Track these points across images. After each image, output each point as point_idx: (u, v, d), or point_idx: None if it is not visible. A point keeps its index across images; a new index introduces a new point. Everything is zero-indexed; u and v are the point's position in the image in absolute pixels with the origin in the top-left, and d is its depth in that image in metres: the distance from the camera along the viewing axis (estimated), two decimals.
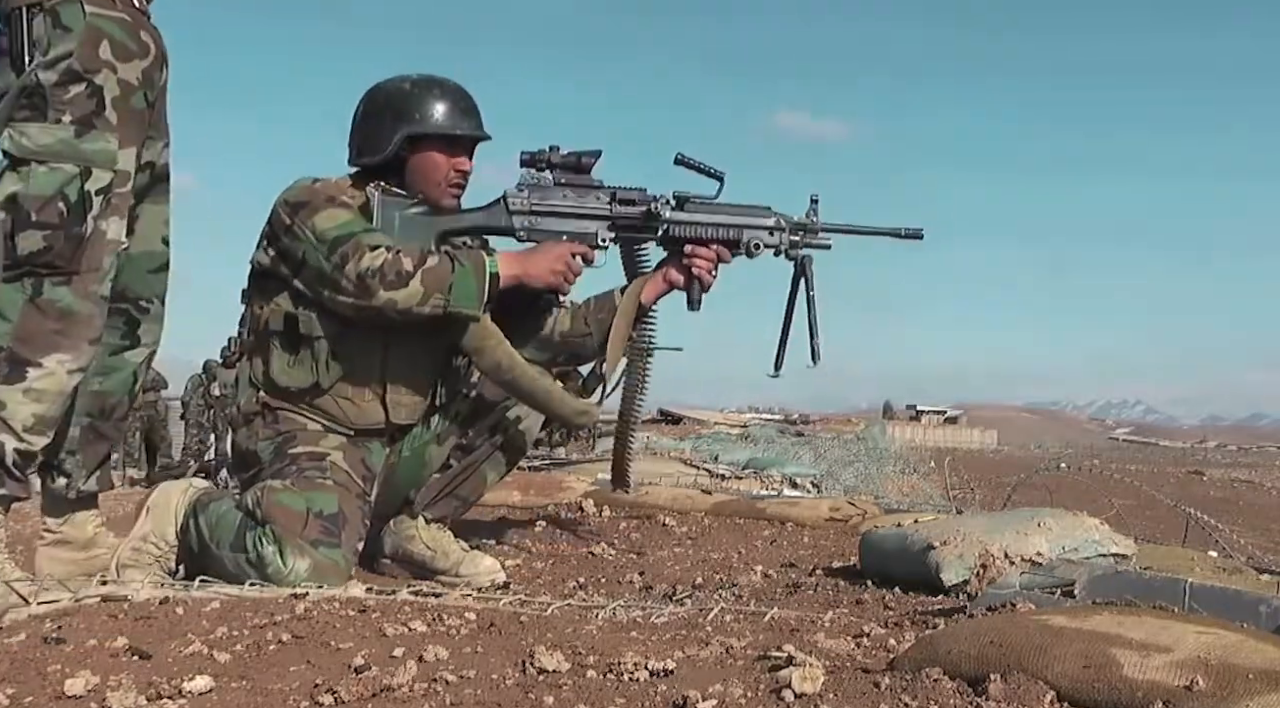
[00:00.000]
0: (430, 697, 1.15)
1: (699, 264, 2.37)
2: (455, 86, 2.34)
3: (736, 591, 2.12)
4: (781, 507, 3.63)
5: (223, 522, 2.07)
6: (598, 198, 2.34)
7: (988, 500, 6.55)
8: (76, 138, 1.81)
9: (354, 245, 2.12)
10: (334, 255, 2.12)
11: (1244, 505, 9.40)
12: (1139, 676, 1.03)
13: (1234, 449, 46.83)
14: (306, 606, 1.57)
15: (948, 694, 1.10)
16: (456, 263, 2.15)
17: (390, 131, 2.26)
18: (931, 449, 17.36)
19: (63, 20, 1.85)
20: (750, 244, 2.37)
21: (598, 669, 1.22)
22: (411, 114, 2.26)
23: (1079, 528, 2.14)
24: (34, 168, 1.78)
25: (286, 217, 2.19)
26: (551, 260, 2.26)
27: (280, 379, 2.24)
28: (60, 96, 1.82)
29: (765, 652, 1.30)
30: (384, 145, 2.26)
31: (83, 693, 1.17)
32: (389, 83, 2.33)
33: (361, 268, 2.09)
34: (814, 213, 2.41)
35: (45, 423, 1.79)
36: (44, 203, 1.78)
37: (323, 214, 2.16)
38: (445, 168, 2.29)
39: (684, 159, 2.34)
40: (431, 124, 2.27)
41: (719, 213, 2.38)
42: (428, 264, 2.12)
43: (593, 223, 2.34)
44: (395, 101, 2.29)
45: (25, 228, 1.77)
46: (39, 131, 1.80)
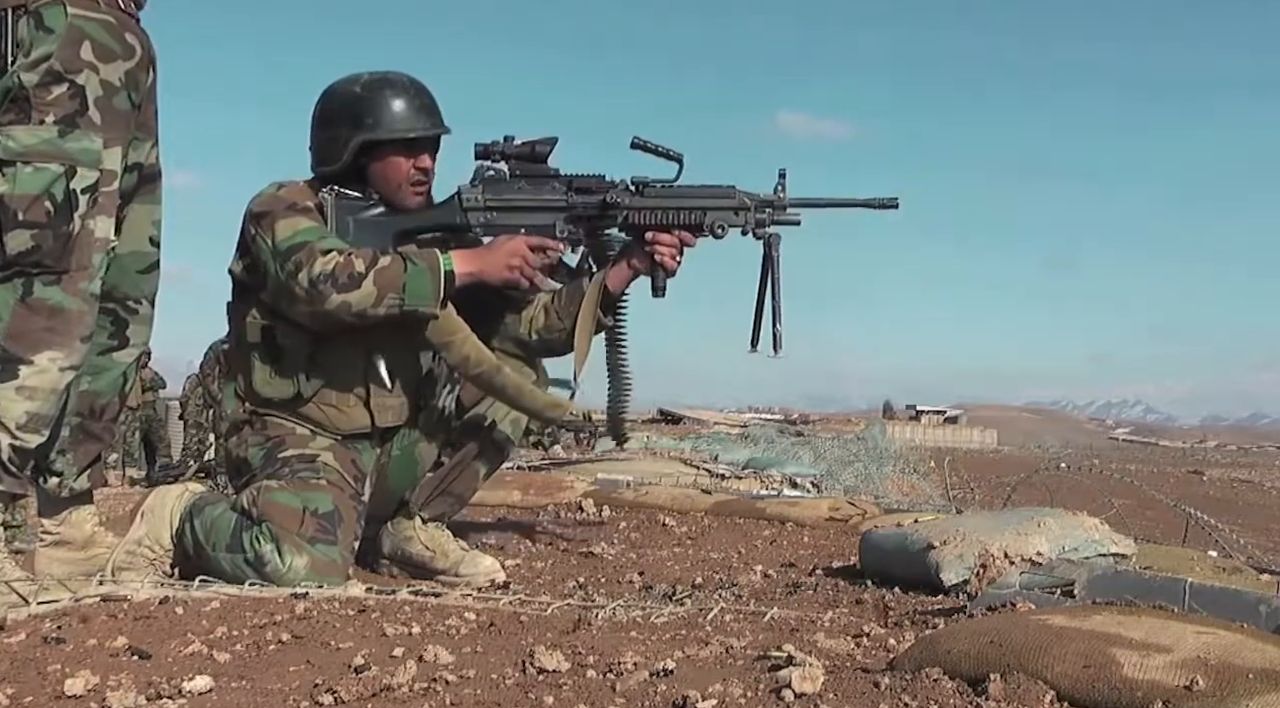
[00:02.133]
0: (430, 697, 1.15)
1: (661, 250, 2.30)
2: (409, 83, 2.29)
3: (736, 591, 2.12)
4: (781, 507, 3.63)
5: (218, 524, 2.07)
6: (554, 188, 2.29)
7: (988, 500, 6.55)
8: (60, 137, 1.81)
9: (307, 252, 2.09)
10: (288, 264, 2.09)
11: (1244, 505, 9.41)
12: (1139, 676, 1.03)
13: (1234, 449, 46.83)
14: (306, 606, 1.57)
15: (948, 694, 1.10)
16: (409, 262, 2.11)
17: (346, 139, 2.21)
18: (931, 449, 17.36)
19: (45, 22, 1.85)
20: (714, 226, 2.30)
21: (598, 669, 1.22)
22: (364, 119, 2.22)
23: (1079, 528, 2.14)
24: (19, 168, 1.78)
25: (251, 227, 2.17)
26: (506, 255, 2.21)
27: (263, 391, 2.22)
28: (43, 97, 1.82)
29: (765, 652, 1.30)
30: (340, 153, 2.22)
31: (83, 693, 1.17)
32: (340, 86, 2.28)
33: (314, 274, 2.06)
34: (781, 188, 2.34)
35: (39, 421, 1.79)
36: (30, 202, 1.78)
37: (281, 223, 2.14)
38: (406, 169, 2.25)
39: (641, 143, 2.29)
40: (386, 128, 2.22)
41: (680, 196, 2.32)
42: (379, 264, 2.09)
43: (550, 215, 2.29)
44: (348, 107, 2.24)
45: (13, 227, 1.78)
46: (23, 133, 1.80)
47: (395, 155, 2.24)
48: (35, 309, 1.77)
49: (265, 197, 2.20)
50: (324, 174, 2.26)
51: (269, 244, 2.13)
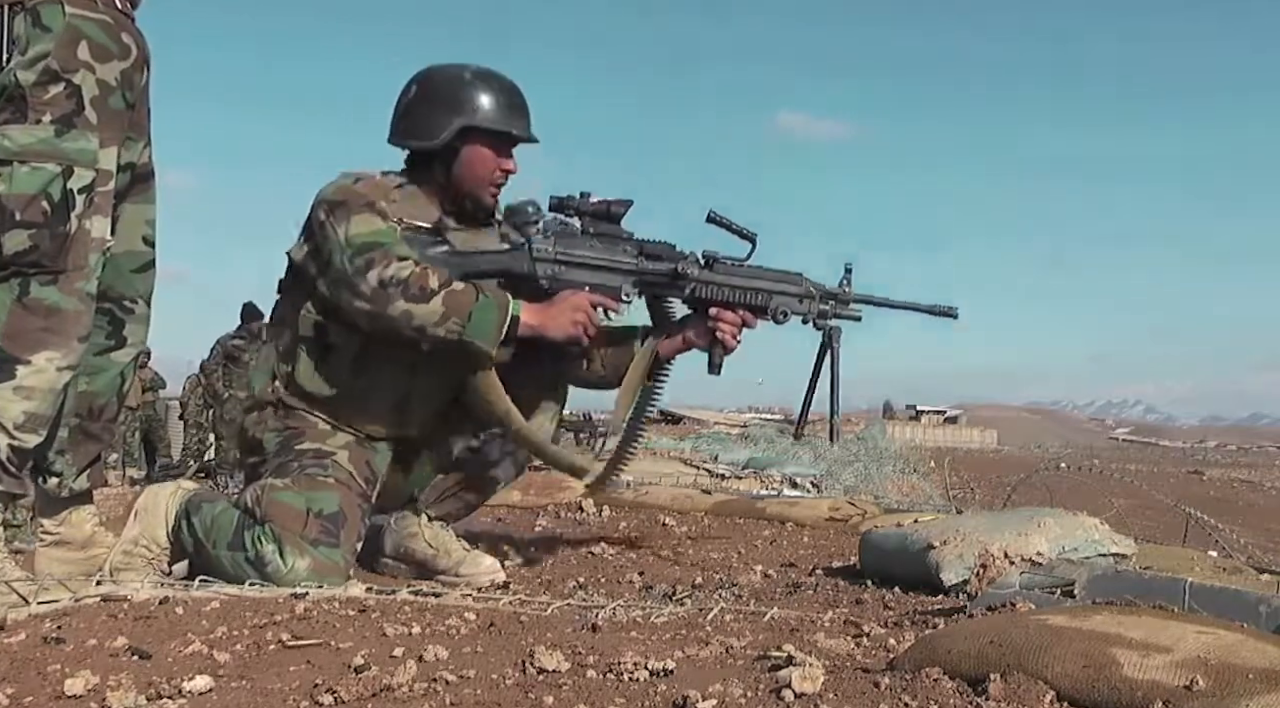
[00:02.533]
0: (430, 697, 1.15)
1: (724, 328, 2.30)
2: (511, 84, 2.30)
3: (736, 591, 2.12)
4: (781, 507, 3.63)
5: (219, 521, 2.06)
6: (625, 251, 2.28)
7: (988, 500, 6.55)
8: (57, 137, 1.82)
9: (381, 254, 2.08)
10: (359, 259, 2.07)
11: (1244, 505, 9.40)
12: (1139, 675, 1.03)
13: (1234, 449, 46.84)
14: (306, 606, 1.57)
15: (948, 694, 1.10)
16: (481, 294, 2.10)
17: (444, 119, 2.21)
18: (931, 449, 17.36)
19: (43, 20, 1.86)
20: (778, 311, 2.31)
21: (598, 669, 1.22)
22: (467, 105, 2.22)
23: (1079, 528, 2.14)
24: (16, 168, 1.79)
25: (322, 213, 2.14)
26: (570, 311, 2.19)
27: (305, 384, 2.20)
28: (40, 97, 1.83)
29: (765, 652, 1.30)
30: (437, 132, 2.22)
31: (83, 693, 1.17)
32: (446, 69, 2.28)
33: (385, 275, 2.05)
34: (847, 282, 2.35)
35: (37, 421, 1.80)
36: (28, 202, 1.79)
37: (357, 218, 2.12)
38: (492, 165, 2.26)
39: (716, 218, 2.29)
40: (487, 118, 2.23)
41: (748, 276, 2.31)
42: (452, 286, 2.08)
43: (618, 276, 2.27)
44: (452, 90, 2.24)
45: (10, 227, 1.78)
46: (20, 133, 1.80)
47: (486, 149, 2.24)
48: (32, 309, 1.78)
49: (340, 187, 2.18)
50: (413, 148, 2.27)
51: (340, 236, 2.10)
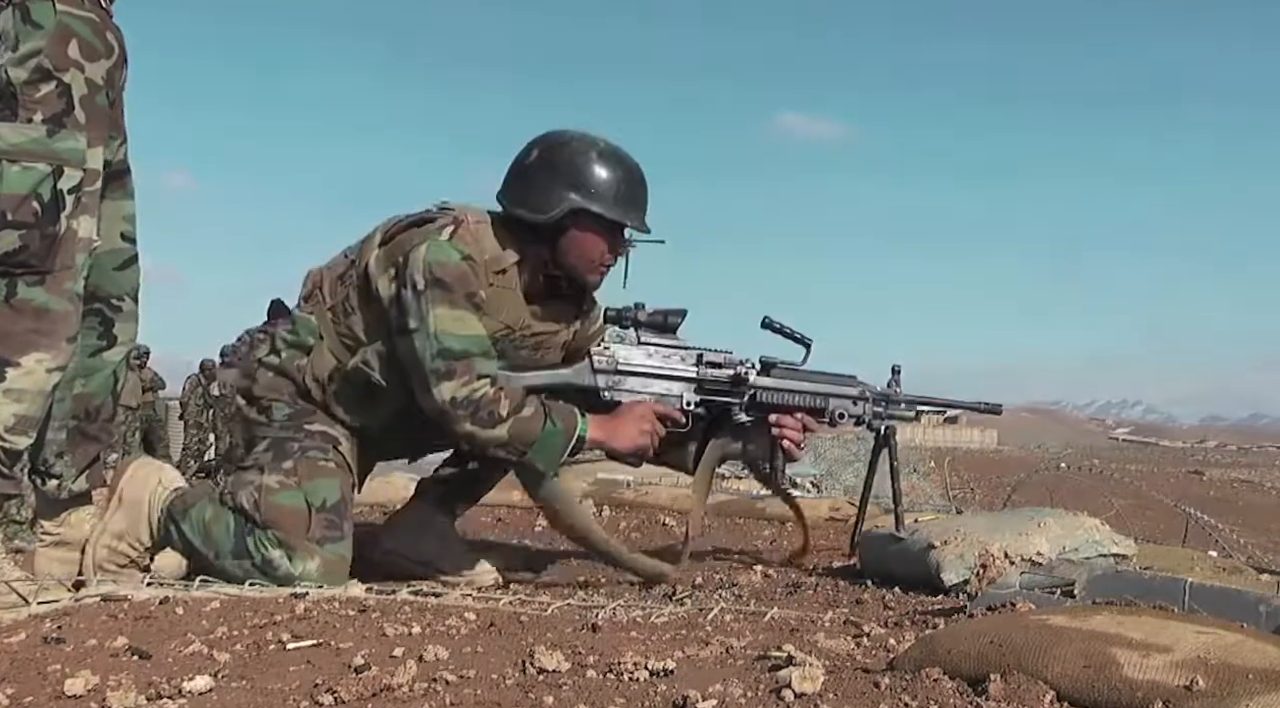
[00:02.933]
0: (430, 697, 1.15)
1: (788, 434, 2.32)
2: (636, 169, 2.25)
3: (736, 591, 2.12)
4: (782, 507, 3.63)
5: (213, 529, 2.02)
6: (683, 359, 2.29)
7: (988, 500, 6.55)
8: (48, 137, 1.82)
9: (464, 367, 2.04)
10: (440, 362, 2.04)
11: (1244, 505, 9.40)
12: (1139, 676, 1.03)
13: (1234, 449, 46.83)
14: (306, 606, 1.57)
15: (948, 694, 1.10)
16: (549, 421, 2.10)
17: (560, 196, 2.15)
18: (931, 449, 17.36)
19: (33, 16, 1.85)
20: (835, 413, 2.34)
21: (598, 669, 1.22)
22: (589, 186, 2.16)
23: (1079, 528, 2.14)
24: (6, 167, 1.79)
25: (422, 282, 2.05)
26: (637, 423, 2.21)
27: (336, 408, 2.17)
28: (31, 95, 1.83)
29: (765, 652, 1.30)
30: (549, 207, 2.15)
31: (83, 693, 1.17)
32: (574, 140, 2.21)
33: (459, 394, 2.03)
34: (896, 383, 2.40)
35: (27, 423, 1.79)
36: (19, 202, 1.79)
37: (455, 315, 2.05)
38: (602, 251, 2.22)
39: (772, 323, 2.32)
40: (603, 205, 2.17)
41: (806, 380, 2.35)
42: (522, 413, 2.07)
43: (678, 384, 2.29)
44: (576, 166, 2.17)
45: (1, 228, 1.78)
46: (10, 131, 1.80)
47: (600, 234, 2.20)
48: (20, 310, 1.77)
49: (454, 264, 2.07)
50: (521, 218, 2.17)
51: (431, 325, 2.04)
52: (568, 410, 2.15)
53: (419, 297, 2.04)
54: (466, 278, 2.07)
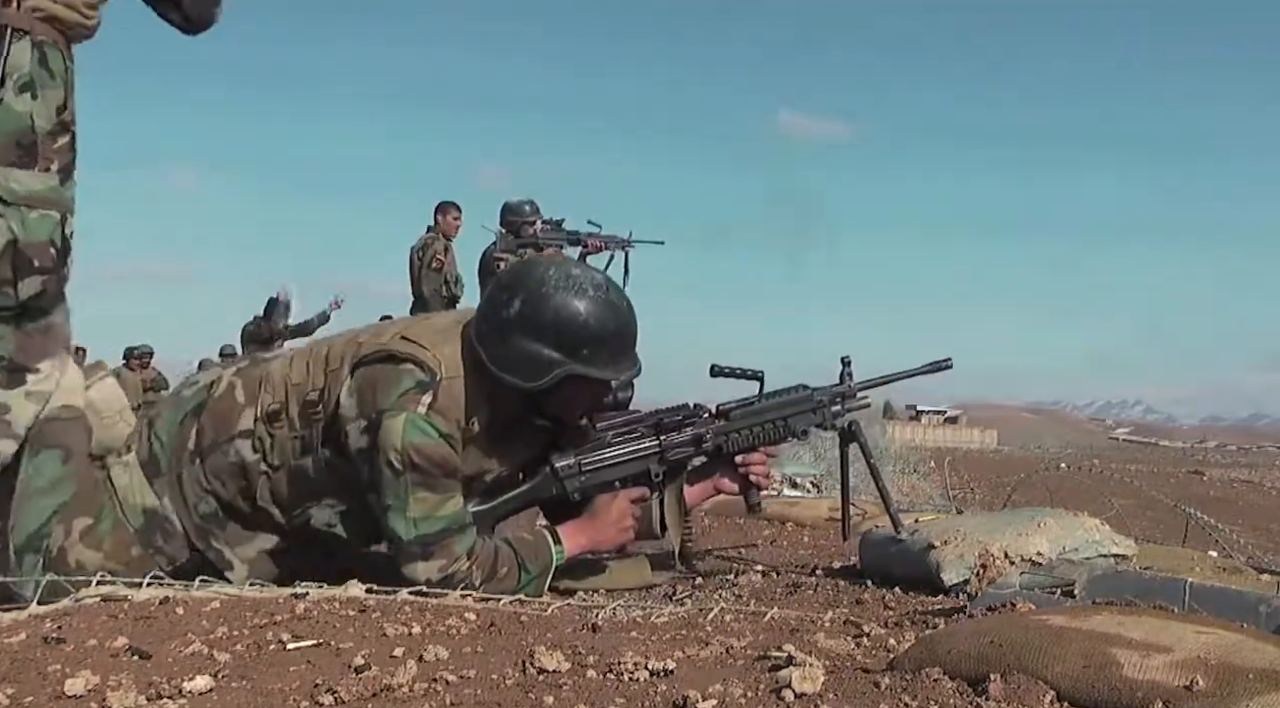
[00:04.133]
0: (430, 697, 1.15)
1: (755, 471, 2.33)
2: (625, 310, 2.11)
3: (736, 591, 2.12)
4: (781, 507, 3.63)
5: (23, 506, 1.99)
6: (642, 434, 2.26)
7: (988, 500, 6.55)
8: (61, 186, 1.98)
9: (441, 548, 1.97)
10: (417, 543, 1.97)
11: (1244, 505, 9.40)
12: (1139, 676, 1.03)
13: (1234, 449, 46.81)
14: (306, 606, 1.57)
15: (948, 694, 1.10)
16: (523, 570, 2.07)
17: (549, 361, 2.01)
18: (931, 449, 17.34)
19: (50, 63, 1.99)
20: (797, 430, 2.34)
21: (598, 669, 1.22)
22: (580, 349, 2.02)
23: (1079, 528, 2.14)
24: (25, 212, 1.93)
25: (399, 463, 1.93)
26: (616, 521, 2.20)
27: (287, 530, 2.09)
28: (50, 145, 1.97)
29: (765, 652, 1.30)
30: (540, 376, 2.01)
31: (83, 693, 1.17)
32: (558, 290, 2.02)
33: (434, 577, 1.96)
34: (848, 377, 2.38)
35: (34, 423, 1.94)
36: (42, 248, 1.96)
37: (436, 497, 1.97)
38: (592, 401, 2.19)
39: (720, 369, 2.30)
40: (599, 367, 2.06)
41: (762, 413, 2.33)
42: (495, 577, 2.03)
43: (644, 463, 2.26)
44: (564, 327, 2.02)
45: (29, 274, 1.95)
46: (29, 178, 1.94)
47: (592, 390, 2.14)
48: (31, 332, 1.97)
49: (429, 447, 1.94)
50: (510, 385, 2.02)
51: (409, 508, 1.96)
52: (540, 547, 2.11)
53: (397, 477, 1.95)
54: (448, 460, 1.98)
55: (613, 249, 6.30)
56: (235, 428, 2.05)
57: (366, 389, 1.99)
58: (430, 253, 7.32)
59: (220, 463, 2.05)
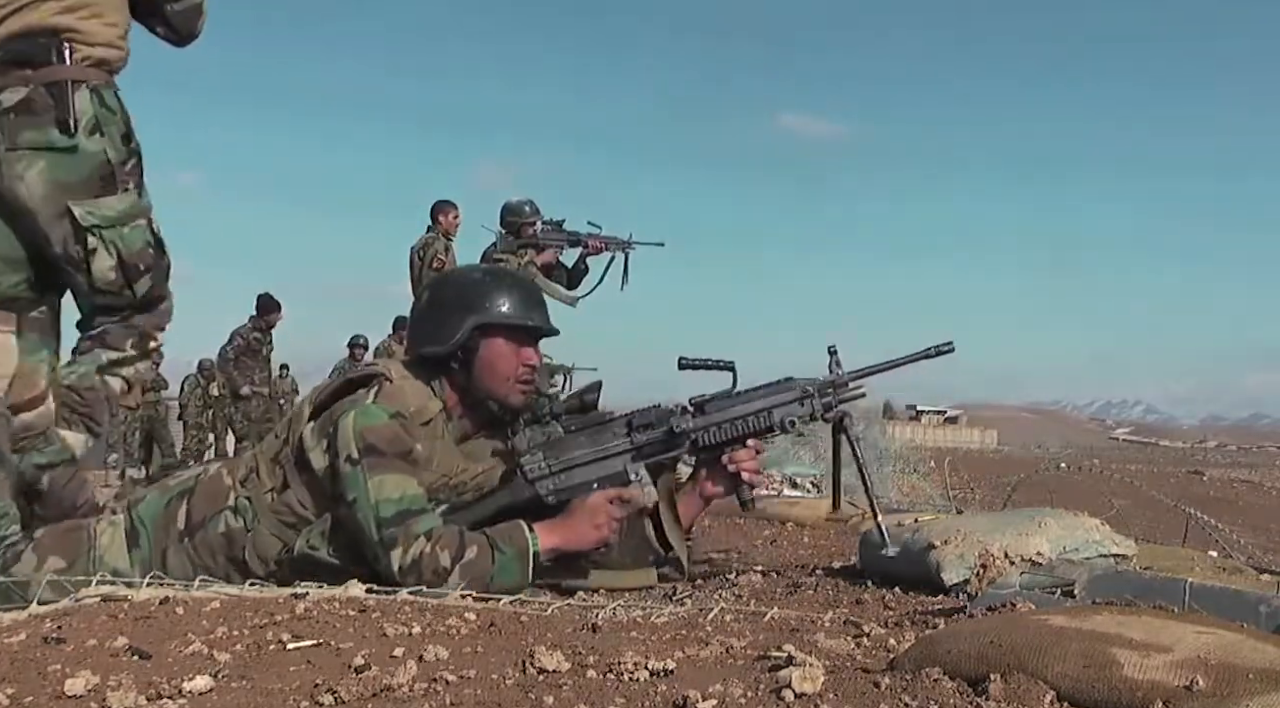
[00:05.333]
0: (430, 697, 1.15)
1: (745, 467, 2.25)
2: (526, 280, 2.34)
3: (736, 591, 2.12)
4: (781, 507, 3.64)
5: None
6: (614, 433, 2.23)
7: (988, 500, 6.56)
8: (139, 198, 2.47)
9: (403, 533, 1.99)
10: (384, 532, 1.99)
11: (1244, 505, 9.40)
12: (1139, 676, 1.03)
13: (1234, 449, 46.79)
14: (306, 606, 1.57)
15: (948, 694, 1.10)
16: (496, 551, 2.04)
17: (458, 320, 2.17)
18: (931, 449, 17.34)
19: (106, 101, 2.40)
20: (784, 422, 2.23)
21: (598, 669, 1.22)
22: (481, 304, 2.19)
23: (1079, 528, 2.14)
24: (121, 230, 2.42)
25: (355, 451, 2.03)
26: (590, 518, 2.16)
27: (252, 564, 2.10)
28: (124, 170, 2.43)
29: (765, 652, 1.30)
30: (451, 334, 2.17)
31: (83, 693, 1.17)
32: (457, 273, 2.33)
33: (404, 562, 1.98)
34: (837, 365, 2.28)
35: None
36: (142, 253, 2.46)
37: (391, 478, 2.02)
38: (514, 361, 2.21)
39: (689, 362, 2.23)
40: (501, 314, 2.19)
41: (742, 403, 2.25)
42: (465, 557, 2.01)
43: (618, 461, 2.22)
44: (464, 291, 2.23)
45: (138, 278, 2.47)
46: (116, 201, 2.41)
47: (505, 344, 2.20)
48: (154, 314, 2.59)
49: (384, 426, 2.06)
50: (430, 354, 2.20)
51: (370, 495, 2.01)
52: (514, 531, 2.09)
53: (355, 467, 2.02)
54: (399, 438, 2.06)
55: (613, 250, 6.30)
56: (221, 504, 2.14)
57: (326, 420, 2.12)
58: (431, 252, 7.32)
59: (209, 537, 2.12)
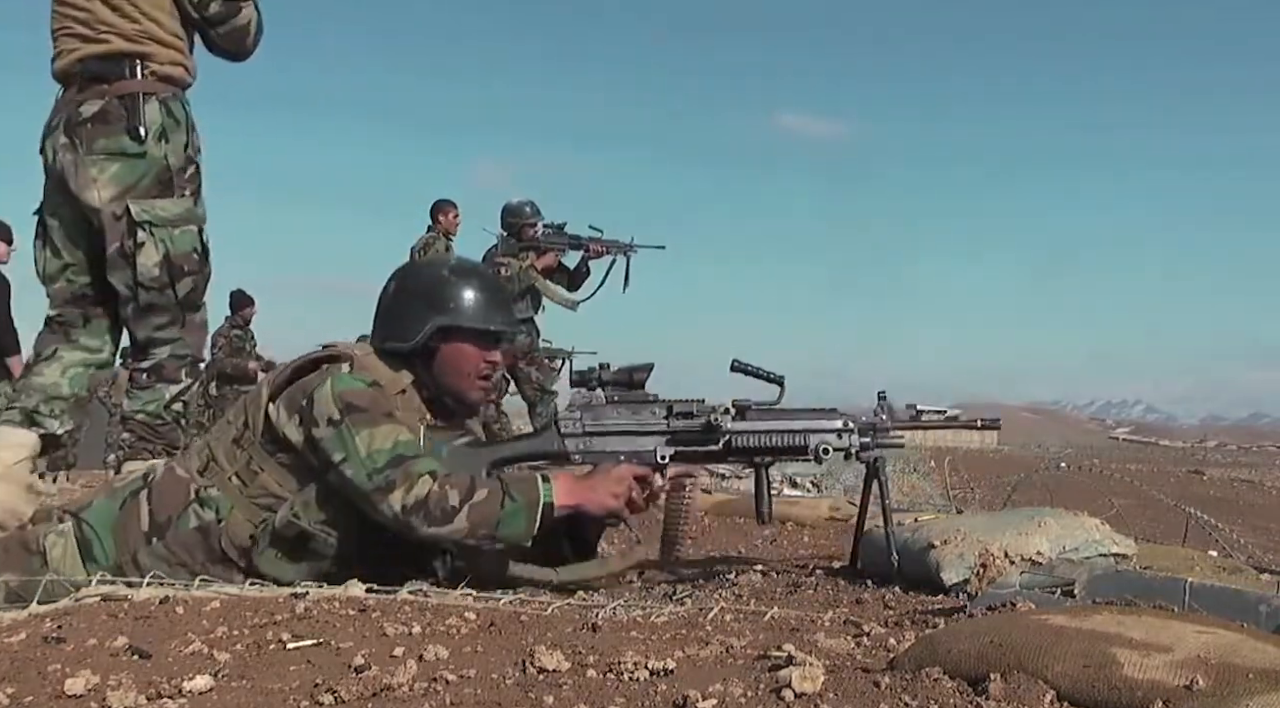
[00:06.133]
0: (430, 697, 1.15)
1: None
2: (490, 277, 2.34)
3: (736, 591, 2.12)
4: (781, 507, 3.63)
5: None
6: (653, 413, 2.24)
7: (988, 500, 6.55)
8: (194, 206, 2.76)
9: (403, 474, 1.98)
10: (378, 477, 1.98)
11: (1244, 505, 9.40)
12: (1139, 675, 1.03)
13: (1234, 449, 46.80)
14: (306, 605, 1.57)
15: (948, 694, 1.10)
16: (507, 496, 2.02)
17: (421, 319, 2.17)
18: (931, 449, 17.30)
19: (173, 112, 2.73)
20: (818, 449, 2.22)
21: (598, 669, 1.22)
22: (445, 303, 2.18)
23: (1079, 528, 2.14)
24: (171, 231, 2.72)
25: (337, 411, 2.02)
26: (612, 484, 2.12)
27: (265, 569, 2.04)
28: (182, 177, 2.73)
29: (765, 651, 1.30)
30: (414, 333, 2.17)
31: (83, 693, 1.17)
32: (422, 267, 2.31)
33: (407, 502, 1.96)
34: (882, 411, 2.28)
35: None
36: (188, 256, 2.76)
37: (381, 429, 2.01)
38: (476, 360, 2.20)
39: (741, 366, 2.25)
40: (465, 316, 2.18)
41: (783, 418, 2.25)
42: (475, 498, 1.99)
43: (650, 439, 2.22)
44: (429, 288, 2.21)
45: (181, 278, 2.76)
46: (171, 204, 2.71)
47: (468, 344, 2.20)
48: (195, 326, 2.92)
49: (362, 390, 2.06)
50: (392, 350, 2.18)
51: (360, 449, 1.99)
52: (528, 480, 2.07)
53: (337, 427, 2.01)
54: (379, 399, 2.08)
55: (614, 254, 6.29)
56: (185, 499, 2.09)
57: (294, 393, 2.09)
58: (431, 252, 7.33)
59: (181, 535, 2.07)
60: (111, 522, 2.11)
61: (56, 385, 2.82)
